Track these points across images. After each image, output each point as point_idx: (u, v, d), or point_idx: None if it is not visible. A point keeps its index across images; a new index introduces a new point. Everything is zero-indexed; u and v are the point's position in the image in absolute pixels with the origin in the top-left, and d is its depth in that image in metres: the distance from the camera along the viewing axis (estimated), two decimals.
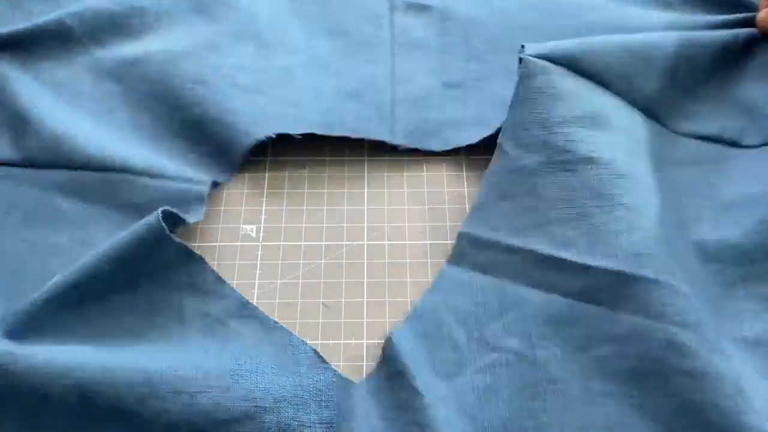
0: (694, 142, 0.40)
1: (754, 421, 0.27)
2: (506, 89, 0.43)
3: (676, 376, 0.29)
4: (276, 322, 0.34)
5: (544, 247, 0.34)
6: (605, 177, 0.35)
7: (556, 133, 0.36)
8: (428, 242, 0.38)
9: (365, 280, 0.37)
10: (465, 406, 0.31)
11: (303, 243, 0.38)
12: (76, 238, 0.37)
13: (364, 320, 0.35)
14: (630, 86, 0.40)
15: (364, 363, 0.34)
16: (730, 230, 0.35)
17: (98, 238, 0.37)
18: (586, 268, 0.32)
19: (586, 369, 0.31)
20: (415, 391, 0.30)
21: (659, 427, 0.29)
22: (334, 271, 0.37)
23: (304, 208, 0.40)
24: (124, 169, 0.39)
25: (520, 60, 0.38)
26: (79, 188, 0.39)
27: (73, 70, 0.45)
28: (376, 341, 0.35)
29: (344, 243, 0.38)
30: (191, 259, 0.35)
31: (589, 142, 0.36)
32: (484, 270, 0.35)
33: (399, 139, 0.42)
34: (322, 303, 0.36)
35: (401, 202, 0.40)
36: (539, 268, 0.34)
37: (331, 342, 0.35)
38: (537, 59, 0.38)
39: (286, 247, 0.38)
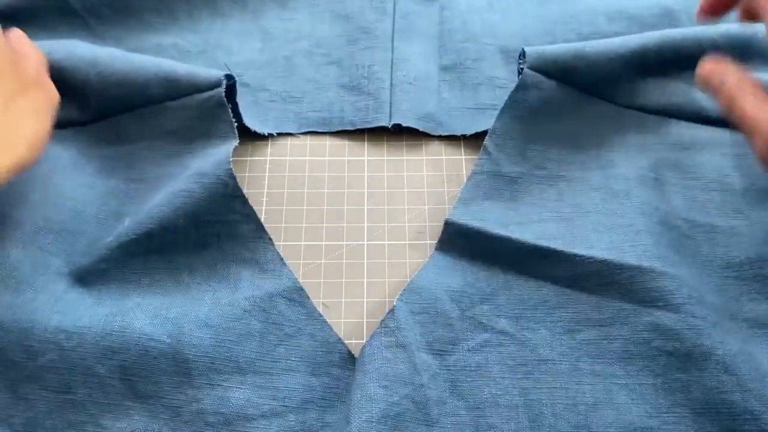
0: (703, 128, 0.40)
1: (738, 399, 0.29)
2: (501, 70, 0.45)
3: (660, 356, 0.31)
4: (320, 315, 0.34)
5: (529, 238, 0.34)
6: (578, 190, 0.37)
7: (534, 149, 0.39)
8: (428, 242, 0.38)
9: (365, 280, 0.37)
10: (457, 384, 0.32)
11: (303, 243, 0.38)
12: (130, 177, 0.39)
13: (364, 320, 0.35)
14: (627, 91, 0.41)
15: None
16: (740, 220, 0.36)
17: (150, 172, 0.39)
18: (572, 257, 0.34)
19: (574, 350, 0.32)
20: (414, 368, 0.32)
21: (645, 405, 0.31)
22: (334, 271, 0.37)
23: (304, 208, 0.40)
24: (148, 102, 0.40)
25: (520, 71, 0.39)
26: (119, 134, 0.40)
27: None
28: None
29: (344, 243, 0.38)
30: (261, 238, 0.36)
31: (561, 161, 0.38)
32: (473, 257, 0.36)
33: (396, 120, 0.42)
34: (322, 303, 0.36)
35: (401, 201, 0.40)
36: (526, 256, 0.35)
37: None
38: (535, 73, 0.39)
39: (286, 247, 0.38)
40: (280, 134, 0.43)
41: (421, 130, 0.42)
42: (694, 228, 0.36)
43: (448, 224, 0.36)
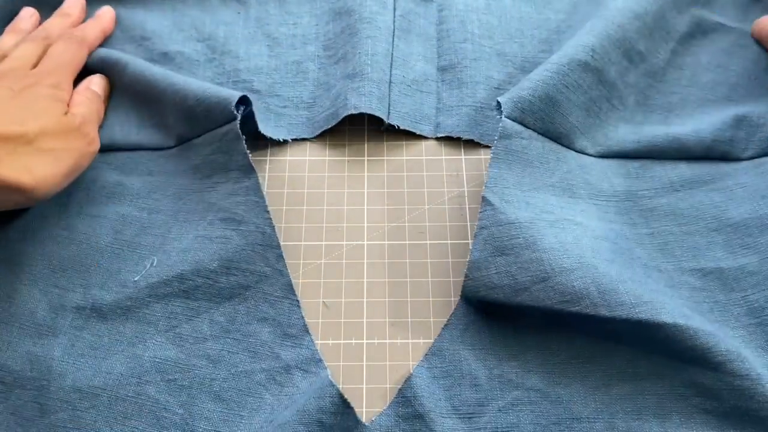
0: (685, 165, 0.39)
1: None
2: (499, 73, 0.45)
3: (698, 414, 0.30)
4: (334, 384, 0.31)
5: (555, 303, 0.31)
6: (589, 236, 0.35)
7: (534, 196, 0.37)
8: (428, 242, 0.38)
9: (365, 280, 0.37)
10: None
11: (303, 243, 0.38)
12: (143, 207, 0.38)
13: (364, 320, 0.35)
14: (600, 137, 0.40)
15: (364, 363, 0.34)
16: (748, 257, 0.35)
17: (166, 204, 0.38)
18: (602, 319, 0.31)
19: (608, 406, 0.31)
20: None
21: None
22: (334, 271, 0.37)
23: (304, 208, 0.40)
24: (178, 142, 0.40)
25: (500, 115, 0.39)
26: (137, 165, 0.40)
27: None
28: (375, 341, 0.35)
29: (344, 243, 0.38)
30: (288, 298, 0.35)
31: (563, 206, 0.37)
32: (498, 311, 0.34)
33: (394, 121, 0.42)
34: (323, 303, 0.36)
35: (401, 201, 0.40)
36: (553, 319, 0.33)
37: (331, 342, 0.35)
38: (513, 122, 0.38)
39: (286, 247, 0.38)
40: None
41: (418, 133, 0.42)
42: (704, 278, 0.35)
43: (468, 281, 0.34)
